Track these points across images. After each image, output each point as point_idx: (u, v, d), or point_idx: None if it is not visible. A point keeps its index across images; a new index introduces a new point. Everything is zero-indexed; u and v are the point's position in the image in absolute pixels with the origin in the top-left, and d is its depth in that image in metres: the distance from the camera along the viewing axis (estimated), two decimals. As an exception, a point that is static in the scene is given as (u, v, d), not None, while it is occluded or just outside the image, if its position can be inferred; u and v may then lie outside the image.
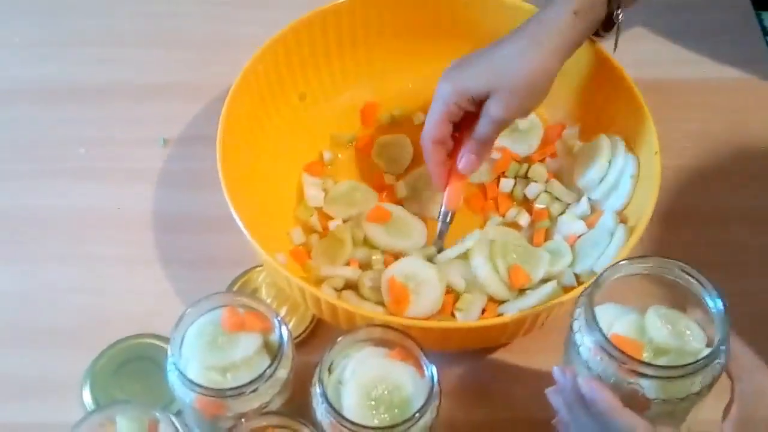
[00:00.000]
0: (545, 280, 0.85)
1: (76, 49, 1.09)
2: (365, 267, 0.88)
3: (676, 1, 1.12)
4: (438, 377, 0.68)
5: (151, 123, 1.02)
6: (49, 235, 0.94)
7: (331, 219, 0.92)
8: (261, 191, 0.89)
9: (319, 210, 0.93)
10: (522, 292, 0.85)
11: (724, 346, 0.63)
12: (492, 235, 0.87)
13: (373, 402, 0.68)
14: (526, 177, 0.94)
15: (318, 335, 0.86)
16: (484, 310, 0.84)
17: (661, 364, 0.64)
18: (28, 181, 0.98)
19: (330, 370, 0.70)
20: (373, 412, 0.68)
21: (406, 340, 0.70)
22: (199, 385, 0.69)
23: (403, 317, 0.80)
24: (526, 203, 0.93)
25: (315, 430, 0.69)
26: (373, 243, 0.89)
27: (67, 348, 0.86)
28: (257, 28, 0.95)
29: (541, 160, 0.95)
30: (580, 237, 0.88)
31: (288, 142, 0.95)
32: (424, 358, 0.69)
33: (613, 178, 0.88)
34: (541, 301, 0.82)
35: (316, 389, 0.68)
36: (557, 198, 0.92)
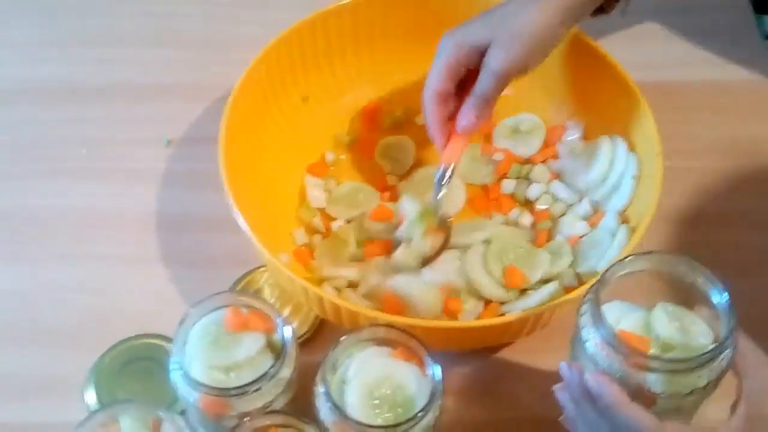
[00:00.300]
0: (546, 280, 0.85)
1: (76, 49, 1.09)
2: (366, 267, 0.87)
3: (678, 3, 1.12)
4: (441, 376, 0.68)
5: (152, 123, 1.02)
6: (49, 235, 0.93)
7: (333, 220, 0.92)
8: (264, 192, 0.89)
9: (322, 211, 0.92)
10: (524, 292, 0.85)
11: (731, 339, 0.63)
12: (490, 235, 0.87)
13: (376, 401, 0.68)
14: (527, 178, 0.94)
15: (321, 335, 0.86)
16: (484, 311, 0.84)
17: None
18: (29, 181, 0.97)
19: (333, 370, 0.70)
20: (377, 411, 0.68)
21: (409, 340, 0.70)
22: (202, 385, 0.69)
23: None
24: (528, 204, 0.93)
25: (318, 429, 0.69)
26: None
27: (68, 348, 0.86)
28: (258, 29, 0.95)
29: (543, 162, 0.95)
30: (582, 238, 0.88)
31: (291, 142, 0.95)
32: (429, 358, 0.69)
33: (615, 178, 0.89)
34: (542, 301, 0.82)
35: (320, 388, 0.68)
36: (559, 199, 0.92)
